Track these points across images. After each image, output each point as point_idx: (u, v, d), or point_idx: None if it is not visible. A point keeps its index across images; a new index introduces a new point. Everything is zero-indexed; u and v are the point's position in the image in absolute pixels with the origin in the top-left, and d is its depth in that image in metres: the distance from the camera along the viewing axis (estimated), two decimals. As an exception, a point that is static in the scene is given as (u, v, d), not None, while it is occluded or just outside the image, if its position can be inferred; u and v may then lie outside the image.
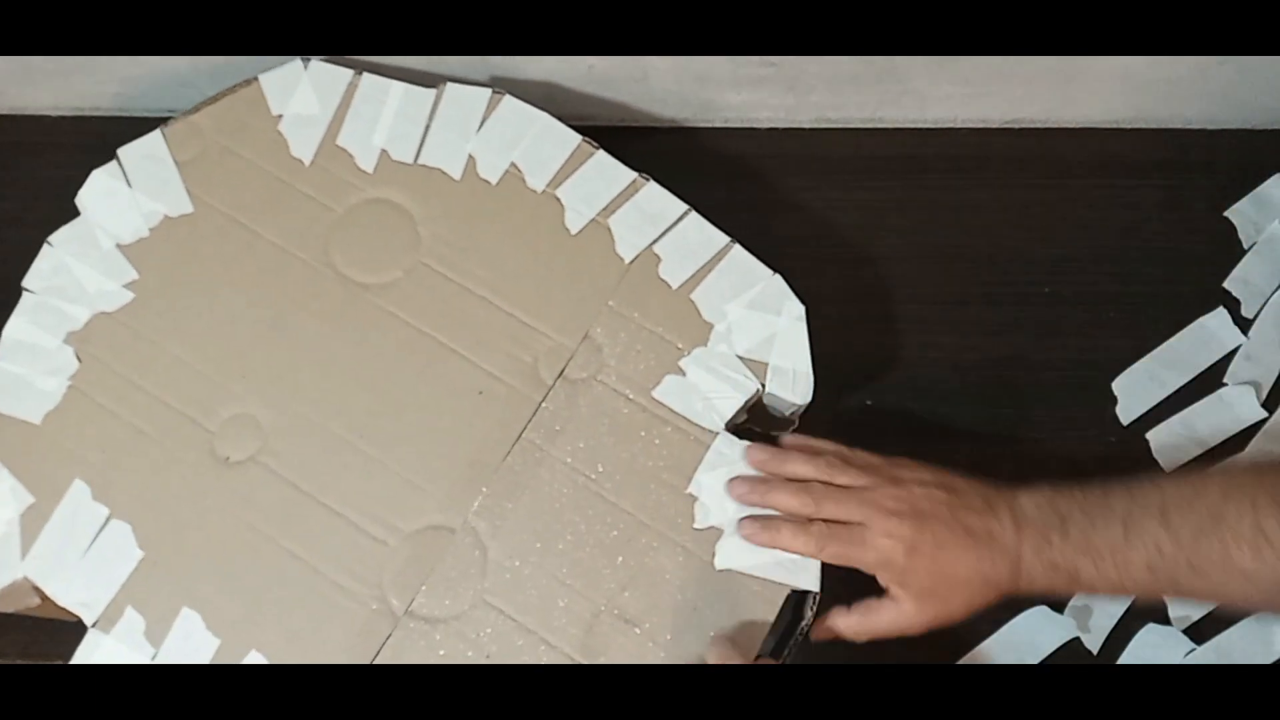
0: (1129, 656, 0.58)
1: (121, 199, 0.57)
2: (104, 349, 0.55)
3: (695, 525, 0.52)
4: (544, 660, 0.50)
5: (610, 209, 0.56)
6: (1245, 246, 0.66)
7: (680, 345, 0.55)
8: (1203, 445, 0.61)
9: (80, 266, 0.56)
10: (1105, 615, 0.58)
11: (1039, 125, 0.69)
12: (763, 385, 0.54)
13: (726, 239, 0.56)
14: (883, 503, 0.49)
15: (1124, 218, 0.67)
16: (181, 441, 0.53)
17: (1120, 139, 0.69)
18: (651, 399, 0.54)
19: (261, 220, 0.57)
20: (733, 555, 0.51)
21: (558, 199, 0.57)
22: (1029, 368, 0.64)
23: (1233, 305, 0.65)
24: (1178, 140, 0.69)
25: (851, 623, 0.51)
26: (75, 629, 0.51)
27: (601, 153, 0.57)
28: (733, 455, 0.53)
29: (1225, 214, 0.67)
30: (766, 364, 0.54)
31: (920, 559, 0.48)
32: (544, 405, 0.54)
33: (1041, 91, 0.67)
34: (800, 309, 0.55)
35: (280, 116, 0.58)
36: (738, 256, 0.56)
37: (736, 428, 0.55)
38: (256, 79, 0.59)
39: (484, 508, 0.52)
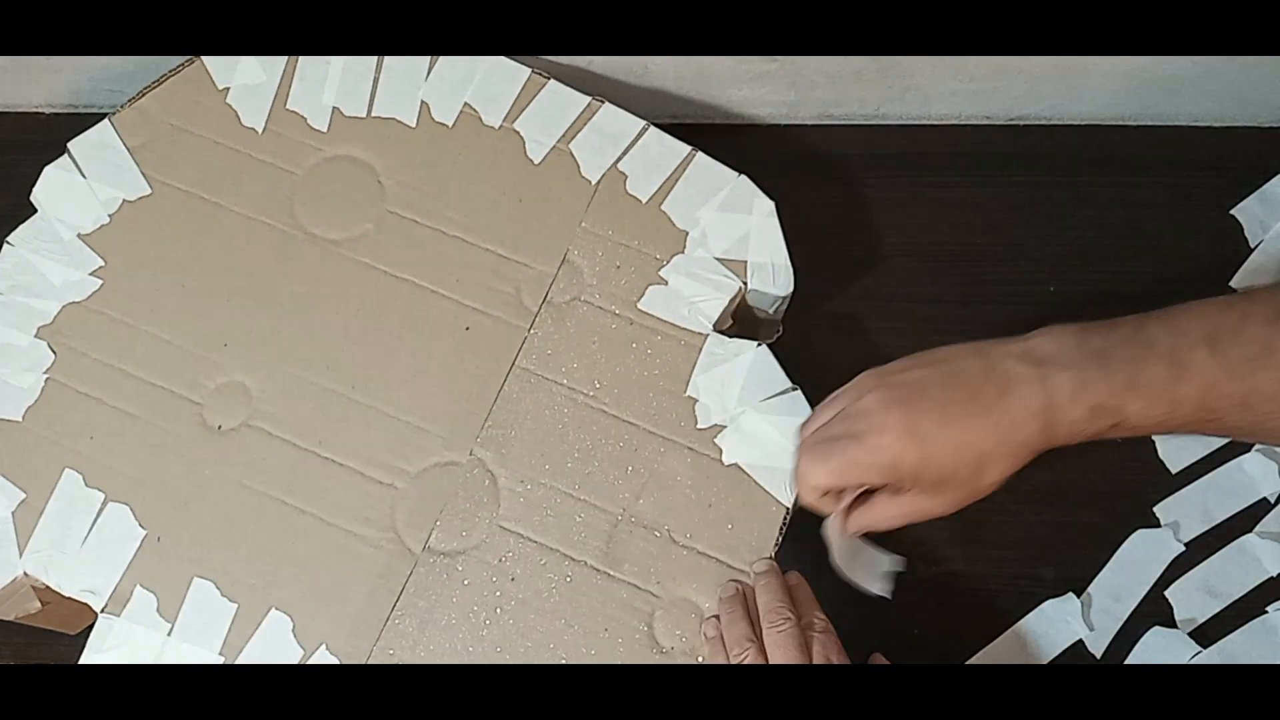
0: (1134, 659, 0.57)
1: (77, 190, 0.56)
2: (78, 338, 0.54)
3: (698, 426, 0.52)
4: (570, 575, 0.49)
5: (570, 135, 0.57)
6: (1252, 245, 0.65)
7: (658, 256, 0.55)
8: (1209, 446, 0.61)
9: (43, 261, 0.55)
10: (1110, 618, 0.58)
11: (1044, 122, 0.69)
12: (744, 283, 0.55)
13: (689, 148, 0.57)
14: (864, 406, 0.43)
15: (1129, 216, 0.66)
16: (170, 417, 0.52)
17: (1126, 136, 0.68)
18: (638, 311, 0.54)
19: (223, 192, 0.56)
20: (739, 449, 0.51)
21: (517, 132, 0.57)
22: None
23: None
24: (1184, 138, 0.68)
25: (874, 515, 0.45)
26: (72, 639, 0.50)
27: (554, 81, 0.58)
28: (726, 354, 0.53)
29: (1232, 212, 0.66)
30: (745, 261, 0.55)
31: (927, 445, 0.42)
32: (532, 332, 0.54)
33: (1046, 88, 0.66)
34: (770, 205, 0.56)
35: (227, 89, 0.58)
36: (702, 163, 0.56)
37: (724, 334, 0.55)
38: (198, 56, 0.58)
39: (487, 438, 0.52)
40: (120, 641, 0.49)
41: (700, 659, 0.48)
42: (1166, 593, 0.58)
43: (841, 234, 0.66)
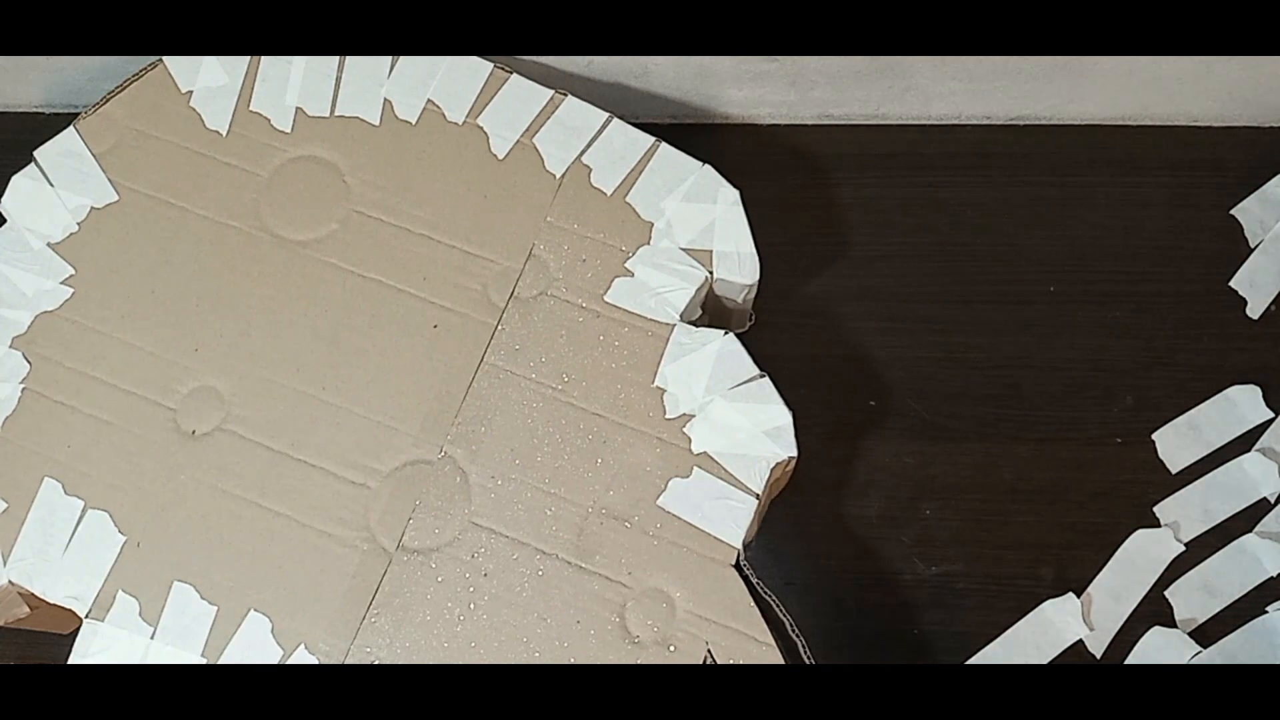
0: (1134, 659, 0.58)
1: (45, 198, 0.56)
2: (52, 347, 0.54)
3: (667, 416, 0.52)
4: (542, 569, 0.50)
5: (533, 129, 0.57)
6: (1252, 245, 0.65)
7: (624, 248, 0.55)
8: (1209, 446, 0.61)
9: (14, 271, 0.55)
10: (1110, 618, 0.58)
11: (1043, 122, 0.69)
12: (711, 272, 0.55)
13: (652, 139, 0.57)
14: None
15: (1129, 216, 0.66)
16: (145, 423, 0.53)
17: (1125, 136, 0.68)
18: (604, 303, 0.54)
19: (189, 196, 0.56)
20: (708, 437, 0.52)
21: (480, 128, 0.57)
22: (1034, 367, 0.63)
23: (1239, 304, 0.64)
24: (1184, 138, 0.68)
25: None
26: (68, 639, 0.51)
27: (516, 76, 0.57)
28: (693, 343, 0.53)
29: (1232, 212, 0.66)
30: (711, 251, 0.55)
31: None
32: (500, 328, 0.54)
33: (1046, 88, 0.66)
34: (735, 193, 0.56)
35: (190, 93, 0.58)
36: (666, 154, 0.56)
37: (693, 325, 0.55)
38: (161, 60, 0.58)
39: (458, 435, 0.52)
40: (105, 646, 0.50)
41: (672, 649, 0.49)
42: (1166, 593, 0.58)
43: (842, 234, 0.66)
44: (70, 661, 0.50)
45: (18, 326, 0.55)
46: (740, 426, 0.52)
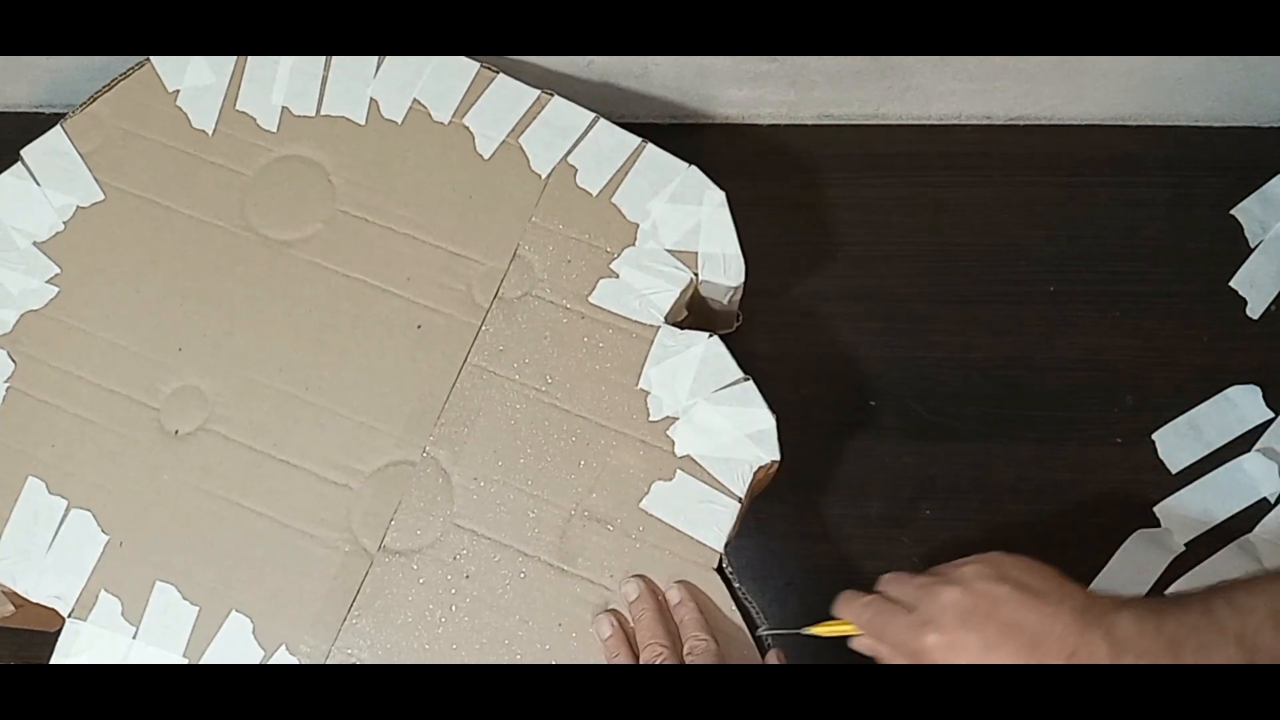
0: None
1: (32, 198, 0.56)
2: (37, 346, 0.54)
3: (650, 418, 0.52)
4: (524, 571, 0.50)
5: (519, 129, 0.57)
6: (1251, 245, 0.65)
7: (609, 249, 0.55)
8: (1209, 446, 0.61)
9: (0, 270, 0.55)
10: None
11: (1043, 122, 0.68)
12: (696, 274, 0.54)
13: (638, 140, 0.56)
14: (940, 592, 0.44)
15: (1129, 216, 0.66)
16: (128, 423, 0.53)
17: (1125, 136, 0.68)
18: (589, 305, 0.54)
19: (174, 196, 0.56)
20: (692, 440, 0.52)
21: (466, 127, 0.57)
22: (1033, 367, 0.63)
23: (1239, 304, 0.64)
24: (1184, 138, 0.68)
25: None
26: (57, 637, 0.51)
27: (503, 76, 0.57)
28: (677, 346, 0.53)
29: (1231, 212, 0.66)
30: (696, 253, 0.55)
31: (954, 655, 0.43)
32: (484, 328, 0.54)
33: (1046, 88, 0.65)
34: (721, 195, 0.55)
35: (177, 92, 0.58)
36: (652, 154, 0.56)
37: (679, 325, 0.55)
38: (148, 60, 0.58)
39: (441, 436, 0.52)
40: (87, 645, 0.50)
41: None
42: (1166, 593, 0.58)
43: (841, 234, 0.66)
44: (53, 661, 0.50)
45: (3, 325, 0.55)
46: (723, 430, 0.52)
